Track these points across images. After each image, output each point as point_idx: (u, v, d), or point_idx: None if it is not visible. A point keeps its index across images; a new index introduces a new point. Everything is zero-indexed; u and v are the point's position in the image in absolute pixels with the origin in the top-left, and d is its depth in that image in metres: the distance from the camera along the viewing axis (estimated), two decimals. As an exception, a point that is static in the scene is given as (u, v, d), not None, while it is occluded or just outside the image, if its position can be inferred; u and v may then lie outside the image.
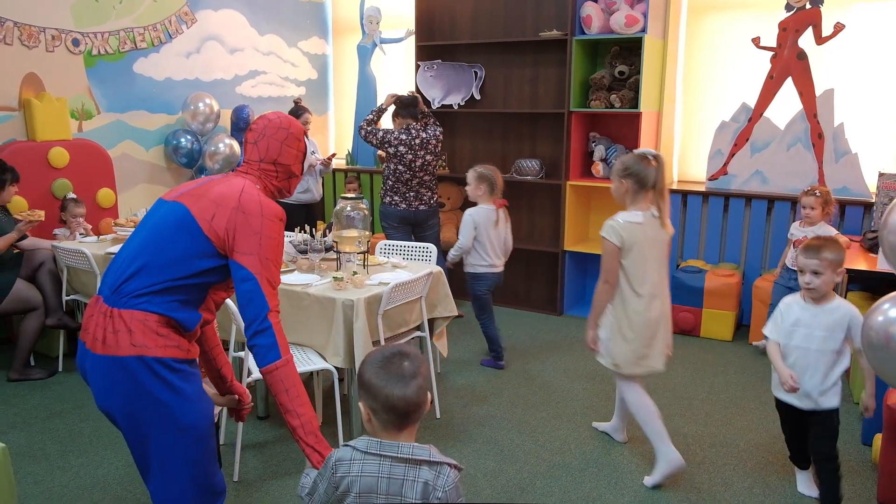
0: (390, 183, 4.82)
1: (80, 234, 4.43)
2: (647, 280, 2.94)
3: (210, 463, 2.00)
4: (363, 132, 4.83)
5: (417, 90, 5.62)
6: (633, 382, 3.10)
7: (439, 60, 5.67)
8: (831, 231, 4.20)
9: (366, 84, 6.57)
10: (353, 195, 3.64)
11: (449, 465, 1.52)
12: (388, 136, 4.72)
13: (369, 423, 1.57)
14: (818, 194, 4.22)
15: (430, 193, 4.87)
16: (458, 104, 5.69)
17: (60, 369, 4.21)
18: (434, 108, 5.66)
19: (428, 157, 4.74)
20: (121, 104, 5.17)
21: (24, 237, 4.03)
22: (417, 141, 4.70)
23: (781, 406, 2.82)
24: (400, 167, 4.72)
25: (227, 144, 5.53)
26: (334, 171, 6.59)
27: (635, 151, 3.00)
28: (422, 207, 4.83)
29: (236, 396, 2.35)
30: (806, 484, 2.94)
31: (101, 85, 5.03)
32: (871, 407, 2.64)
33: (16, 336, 4.17)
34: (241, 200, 1.95)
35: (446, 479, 1.50)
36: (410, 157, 4.70)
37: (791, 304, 2.72)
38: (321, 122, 6.84)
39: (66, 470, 3.11)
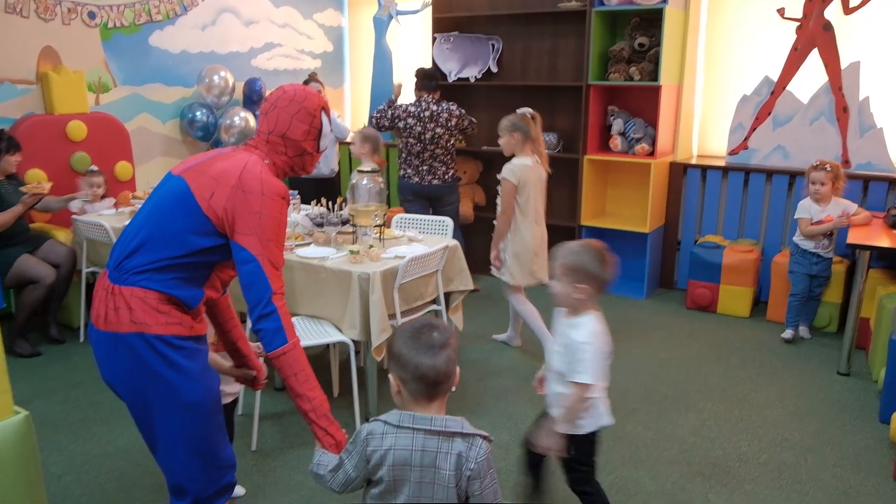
0: (403, 156, 4.84)
1: (84, 199, 4.43)
2: (533, 210, 3.82)
3: (217, 438, 1.99)
4: (374, 120, 4.83)
5: (434, 65, 5.57)
6: (519, 294, 3.97)
7: (456, 32, 5.60)
8: (852, 207, 4.13)
9: (382, 57, 6.51)
10: (369, 168, 3.63)
11: (481, 436, 1.54)
12: (398, 111, 4.74)
13: (398, 395, 1.57)
14: (828, 169, 4.11)
15: (444, 168, 4.84)
16: (475, 77, 5.63)
17: (81, 339, 4.27)
18: (451, 81, 5.61)
19: (438, 131, 4.71)
20: (137, 77, 5.17)
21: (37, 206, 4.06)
22: (427, 113, 4.68)
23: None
24: (410, 139, 4.73)
25: (243, 118, 5.52)
26: (350, 144, 6.56)
27: (517, 111, 3.84)
28: (435, 182, 4.81)
29: (253, 372, 2.32)
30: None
31: (117, 58, 5.02)
32: (553, 446, 2.14)
33: (41, 309, 4.19)
34: (241, 178, 1.88)
35: (479, 450, 1.51)
36: (419, 128, 4.68)
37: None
38: (337, 96, 6.80)
39: (87, 439, 3.17)
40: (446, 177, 4.87)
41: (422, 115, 4.68)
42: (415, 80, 4.86)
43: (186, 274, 1.90)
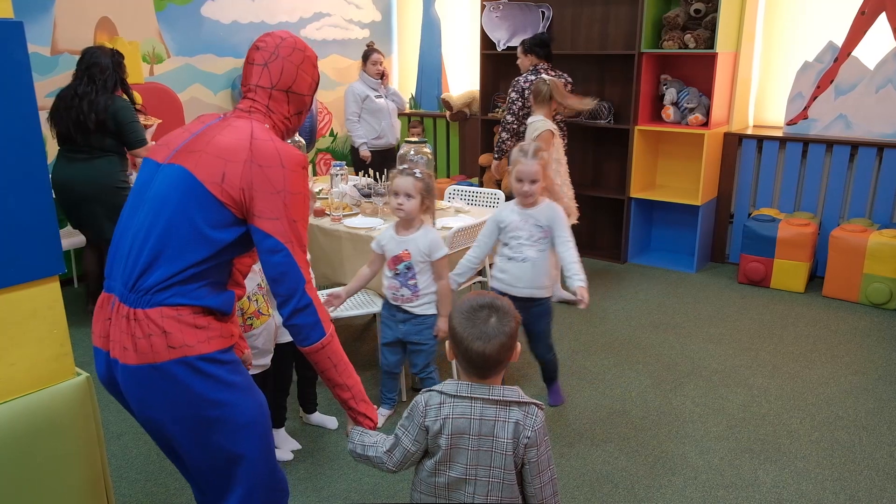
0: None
1: None
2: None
3: (273, 459, 1.78)
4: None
5: (483, 34, 5.50)
6: None
7: (505, 0, 5.51)
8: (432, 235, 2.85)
9: (430, 26, 6.47)
10: (416, 139, 3.63)
11: (535, 405, 1.56)
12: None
13: (456, 360, 1.59)
14: (417, 175, 2.75)
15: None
16: (524, 46, 5.54)
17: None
18: (500, 49, 5.54)
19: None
20: (190, 48, 5.25)
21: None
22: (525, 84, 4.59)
23: None
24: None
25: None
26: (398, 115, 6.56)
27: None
28: None
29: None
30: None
31: (171, 29, 5.10)
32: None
33: (89, 273, 4.29)
34: (253, 150, 1.61)
35: (535, 418, 1.54)
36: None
37: None
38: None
39: (144, 400, 3.28)
40: None
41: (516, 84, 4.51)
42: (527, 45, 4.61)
43: (214, 278, 1.65)
